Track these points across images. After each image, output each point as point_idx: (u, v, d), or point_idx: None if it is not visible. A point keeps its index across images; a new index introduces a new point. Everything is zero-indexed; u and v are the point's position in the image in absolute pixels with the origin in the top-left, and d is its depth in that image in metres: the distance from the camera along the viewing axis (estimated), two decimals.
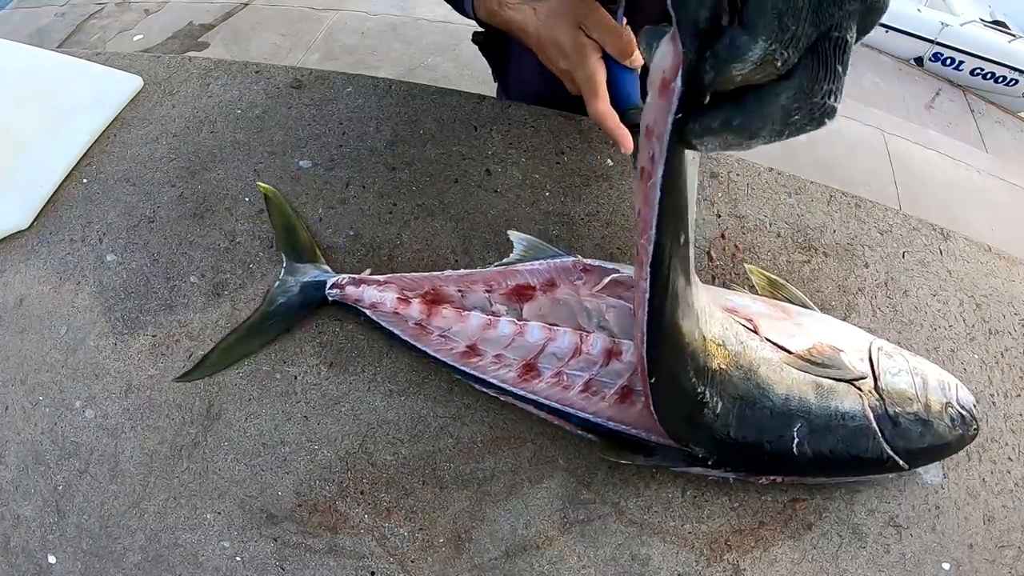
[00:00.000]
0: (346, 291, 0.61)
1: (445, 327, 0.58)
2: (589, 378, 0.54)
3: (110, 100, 0.78)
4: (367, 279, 0.61)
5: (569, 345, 0.55)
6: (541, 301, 0.58)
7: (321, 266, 0.64)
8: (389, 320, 0.59)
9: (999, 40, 4.37)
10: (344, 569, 0.53)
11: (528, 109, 0.78)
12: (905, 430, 0.52)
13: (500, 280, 0.59)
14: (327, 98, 0.79)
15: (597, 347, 0.55)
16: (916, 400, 0.53)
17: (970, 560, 0.55)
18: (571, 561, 0.54)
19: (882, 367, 0.53)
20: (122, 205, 0.71)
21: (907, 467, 0.53)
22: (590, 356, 0.54)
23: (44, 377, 0.61)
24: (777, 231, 0.71)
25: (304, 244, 0.65)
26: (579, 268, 0.58)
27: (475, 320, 0.57)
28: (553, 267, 0.59)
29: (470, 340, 0.57)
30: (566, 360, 0.55)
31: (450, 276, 0.60)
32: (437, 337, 0.58)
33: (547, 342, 0.55)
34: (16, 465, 0.58)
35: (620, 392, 0.53)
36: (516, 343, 0.56)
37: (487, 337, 0.57)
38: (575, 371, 0.54)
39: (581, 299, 0.57)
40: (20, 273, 0.67)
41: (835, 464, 0.52)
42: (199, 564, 0.54)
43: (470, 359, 0.57)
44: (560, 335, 0.55)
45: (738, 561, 0.54)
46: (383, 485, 0.56)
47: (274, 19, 3.18)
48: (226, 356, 0.61)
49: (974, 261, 0.71)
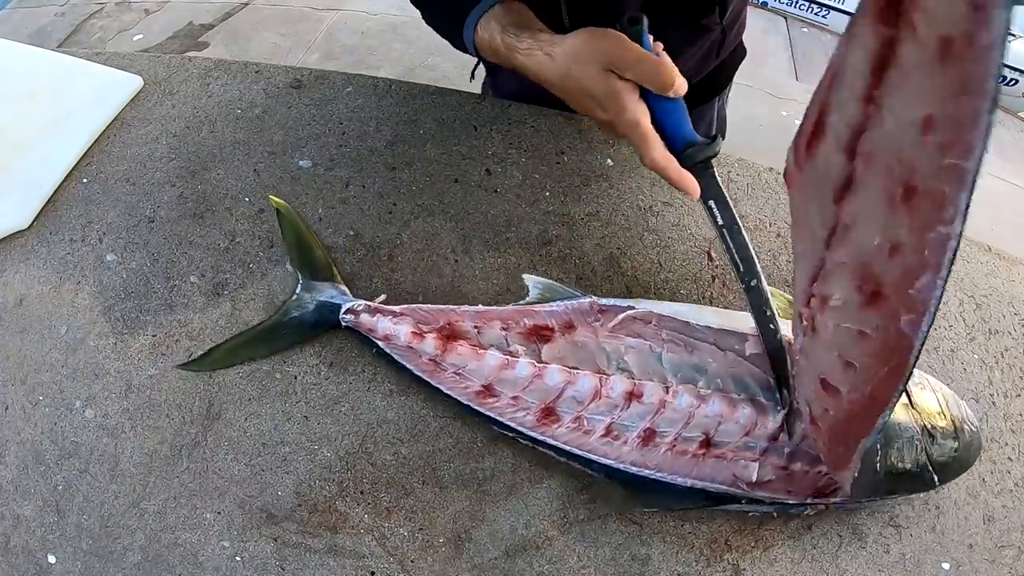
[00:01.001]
0: (360, 319, 0.60)
1: (460, 364, 0.56)
2: (610, 422, 0.53)
3: (110, 100, 0.78)
4: (383, 308, 0.60)
5: (589, 388, 0.54)
6: (560, 344, 0.57)
7: (339, 286, 0.63)
8: (402, 354, 0.58)
9: None
10: (344, 569, 0.53)
11: (528, 109, 0.78)
12: (940, 445, 0.51)
13: (518, 319, 0.58)
14: (327, 98, 0.79)
15: (617, 390, 0.54)
16: (943, 415, 0.52)
17: (970, 560, 0.55)
18: (571, 561, 0.54)
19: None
20: (122, 205, 0.71)
21: (938, 484, 0.52)
22: (610, 399, 0.53)
23: (44, 377, 0.61)
24: (777, 231, 0.71)
25: (320, 261, 0.64)
26: (596, 309, 0.57)
27: (492, 359, 0.56)
28: (570, 308, 0.58)
29: (486, 380, 0.55)
30: (586, 404, 0.54)
31: (467, 311, 0.59)
32: (451, 375, 0.56)
33: (566, 385, 0.54)
34: (16, 465, 0.58)
35: (643, 435, 0.52)
36: (535, 385, 0.55)
37: (504, 378, 0.55)
38: (595, 415, 0.53)
39: (599, 341, 0.56)
40: (20, 273, 0.67)
41: (890, 482, 0.51)
42: (199, 564, 0.54)
43: (486, 400, 0.55)
44: (580, 378, 0.54)
45: (738, 561, 0.54)
46: (383, 485, 0.56)
47: (274, 19, 3.17)
48: (231, 356, 0.61)
49: (974, 261, 0.71)
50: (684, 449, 0.52)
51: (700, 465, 0.52)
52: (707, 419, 0.52)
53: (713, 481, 0.52)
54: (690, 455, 0.52)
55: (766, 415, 0.52)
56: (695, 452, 0.52)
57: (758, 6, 4.14)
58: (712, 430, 0.52)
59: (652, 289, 0.66)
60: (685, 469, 0.52)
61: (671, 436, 0.52)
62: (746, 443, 0.51)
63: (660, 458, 0.52)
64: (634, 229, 0.69)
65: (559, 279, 0.66)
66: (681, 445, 0.52)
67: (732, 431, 0.52)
